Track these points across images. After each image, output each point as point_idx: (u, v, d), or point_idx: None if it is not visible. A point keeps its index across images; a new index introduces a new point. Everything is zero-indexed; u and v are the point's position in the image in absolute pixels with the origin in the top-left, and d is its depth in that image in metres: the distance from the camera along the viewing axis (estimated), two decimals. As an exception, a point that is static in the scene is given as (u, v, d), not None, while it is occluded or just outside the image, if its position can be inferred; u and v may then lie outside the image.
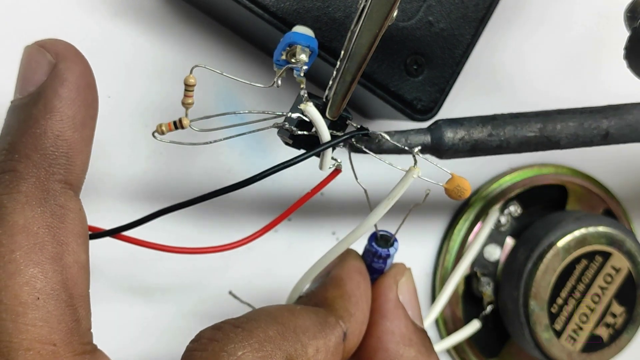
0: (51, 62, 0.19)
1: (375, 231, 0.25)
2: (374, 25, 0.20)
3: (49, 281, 0.17)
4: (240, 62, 0.32)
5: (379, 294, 0.24)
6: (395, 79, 0.29)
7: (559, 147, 0.26)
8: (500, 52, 0.36)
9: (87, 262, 0.19)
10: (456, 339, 0.36)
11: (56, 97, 0.19)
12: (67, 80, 0.19)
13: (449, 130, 0.25)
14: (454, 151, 0.25)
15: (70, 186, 0.19)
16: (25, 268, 0.17)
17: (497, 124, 0.26)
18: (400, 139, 0.25)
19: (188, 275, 0.33)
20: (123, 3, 0.30)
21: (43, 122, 0.18)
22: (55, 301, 0.17)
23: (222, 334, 0.19)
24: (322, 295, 0.23)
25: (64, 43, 0.20)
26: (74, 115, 0.19)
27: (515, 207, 0.37)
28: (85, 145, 0.19)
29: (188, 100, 0.21)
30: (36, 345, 0.16)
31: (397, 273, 0.25)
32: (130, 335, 0.33)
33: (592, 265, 0.34)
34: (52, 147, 0.18)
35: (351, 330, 0.22)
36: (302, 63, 0.22)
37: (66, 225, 0.18)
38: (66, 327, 0.17)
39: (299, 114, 0.22)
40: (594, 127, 0.26)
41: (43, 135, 0.18)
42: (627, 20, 0.27)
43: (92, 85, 0.20)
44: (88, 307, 0.18)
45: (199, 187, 0.32)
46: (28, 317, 0.17)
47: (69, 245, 0.18)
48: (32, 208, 0.18)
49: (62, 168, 0.18)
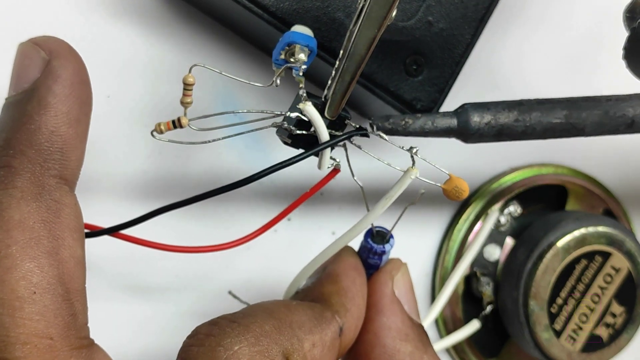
0: (45, 59, 0.19)
1: (371, 227, 0.25)
2: (373, 25, 0.20)
3: (45, 275, 0.17)
4: (239, 61, 0.32)
5: (374, 289, 0.24)
6: (394, 78, 0.29)
7: (584, 134, 0.26)
8: (499, 52, 0.36)
9: (83, 257, 0.19)
10: (456, 338, 0.36)
11: (50, 93, 0.19)
12: (61, 77, 0.19)
13: (475, 114, 0.25)
14: (479, 135, 0.25)
15: (65, 181, 0.19)
16: (21, 262, 0.17)
17: (523, 110, 0.26)
18: (427, 122, 0.24)
19: (187, 274, 0.33)
20: (122, 3, 0.31)
21: (37, 118, 0.18)
22: (52, 295, 0.17)
23: (219, 329, 0.19)
24: (319, 290, 0.23)
25: (57, 40, 0.20)
26: (68, 111, 0.19)
27: (515, 207, 0.37)
28: (79, 141, 0.19)
29: (187, 99, 0.21)
30: (33, 339, 0.17)
31: (392, 268, 0.25)
32: (129, 333, 0.33)
33: (591, 265, 0.34)
34: (46, 142, 0.18)
35: (347, 325, 0.22)
36: (301, 62, 0.22)
37: (62, 220, 0.18)
38: (63, 321, 0.17)
39: (297, 113, 0.22)
40: (619, 115, 0.26)
41: (37, 131, 0.18)
42: (626, 21, 0.27)
43: (86, 81, 0.20)
44: (84, 302, 0.18)
45: (197, 186, 0.32)
46: (25, 311, 0.17)
47: (65, 240, 0.18)
48: (28, 203, 0.18)
49: (57, 163, 0.19)
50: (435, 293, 0.37)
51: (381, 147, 0.24)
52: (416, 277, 0.37)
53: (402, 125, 0.24)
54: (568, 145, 0.39)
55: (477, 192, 0.38)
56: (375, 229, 0.25)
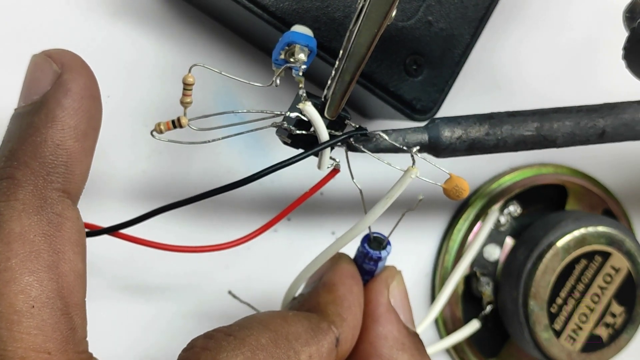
0: (56, 71, 0.19)
1: (368, 233, 0.25)
2: (373, 25, 0.20)
3: (44, 289, 0.17)
4: (239, 61, 0.32)
5: (370, 298, 0.24)
6: (394, 78, 0.29)
7: (556, 145, 0.26)
8: (499, 52, 0.36)
9: (84, 271, 0.19)
10: (455, 338, 0.36)
11: (59, 106, 0.19)
12: (71, 91, 0.19)
13: (446, 129, 0.25)
14: (451, 150, 0.25)
15: (68, 195, 0.19)
16: (20, 276, 0.17)
17: (494, 123, 0.26)
18: (398, 138, 0.24)
19: (186, 274, 0.33)
20: (123, 3, 0.31)
21: (44, 130, 0.18)
22: (50, 309, 0.17)
23: (215, 343, 0.19)
24: (315, 300, 0.23)
25: (70, 54, 0.20)
26: (76, 126, 0.19)
27: (515, 207, 0.37)
28: (85, 156, 0.19)
29: (187, 99, 0.21)
30: (31, 354, 0.16)
31: (387, 276, 0.25)
32: (128, 333, 0.33)
33: (591, 265, 0.34)
34: (51, 155, 0.18)
35: (344, 335, 0.22)
36: (300, 62, 0.22)
37: (63, 233, 0.18)
38: (61, 336, 0.17)
39: (297, 113, 0.22)
40: (590, 126, 0.26)
41: (43, 143, 0.18)
42: (625, 21, 0.27)
43: (97, 97, 0.20)
44: (84, 316, 0.18)
45: (197, 186, 0.33)
46: (23, 325, 0.17)
47: (66, 254, 0.18)
48: (29, 216, 0.18)
49: (60, 177, 0.18)
50: (435, 293, 0.37)
51: (381, 147, 0.24)
52: (416, 277, 0.37)
53: (373, 142, 0.24)
54: (568, 145, 0.39)
55: (477, 192, 0.38)
56: (372, 235, 0.25)
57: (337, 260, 0.25)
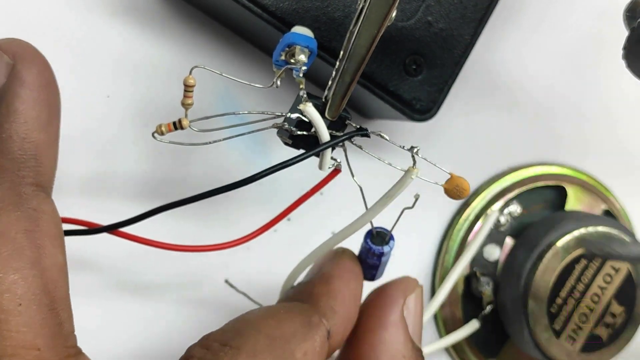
0: (9, 63, 0.18)
1: (371, 228, 0.25)
2: (373, 26, 0.20)
3: (29, 286, 0.17)
4: (240, 62, 0.32)
5: (384, 303, 0.24)
6: (394, 79, 0.29)
7: None
8: (499, 52, 0.36)
9: (65, 264, 0.19)
10: (455, 338, 0.36)
11: (17, 99, 0.18)
12: (26, 81, 0.18)
13: None
14: None
15: (41, 188, 0.18)
16: (5, 275, 0.17)
17: None
18: None
19: (186, 273, 0.33)
20: (122, 2, 0.31)
21: (7, 125, 0.18)
22: (37, 306, 0.17)
23: (212, 355, 0.19)
24: (309, 290, 0.23)
25: (20, 42, 0.19)
26: (38, 116, 0.18)
27: (515, 207, 0.37)
28: (52, 145, 0.19)
29: (187, 100, 0.21)
30: (20, 351, 0.16)
31: (407, 288, 0.25)
32: (127, 332, 0.33)
33: (591, 265, 0.35)
34: (19, 150, 0.18)
35: (335, 328, 0.22)
36: (301, 63, 0.22)
37: (41, 228, 0.18)
38: (49, 332, 0.17)
39: (298, 114, 0.22)
40: None
41: (9, 139, 0.18)
42: (626, 20, 0.27)
43: (52, 82, 0.19)
44: (69, 310, 0.18)
45: (198, 186, 0.32)
46: (11, 323, 0.16)
47: (46, 249, 0.18)
48: (8, 214, 0.17)
49: (31, 171, 0.18)
50: (435, 293, 0.37)
51: (382, 147, 0.24)
52: (416, 276, 0.37)
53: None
54: (568, 145, 0.39)
55: (477, 192, 0.38)
56: (375, 230, 0.25)
57: (340, 255, 0.25)
